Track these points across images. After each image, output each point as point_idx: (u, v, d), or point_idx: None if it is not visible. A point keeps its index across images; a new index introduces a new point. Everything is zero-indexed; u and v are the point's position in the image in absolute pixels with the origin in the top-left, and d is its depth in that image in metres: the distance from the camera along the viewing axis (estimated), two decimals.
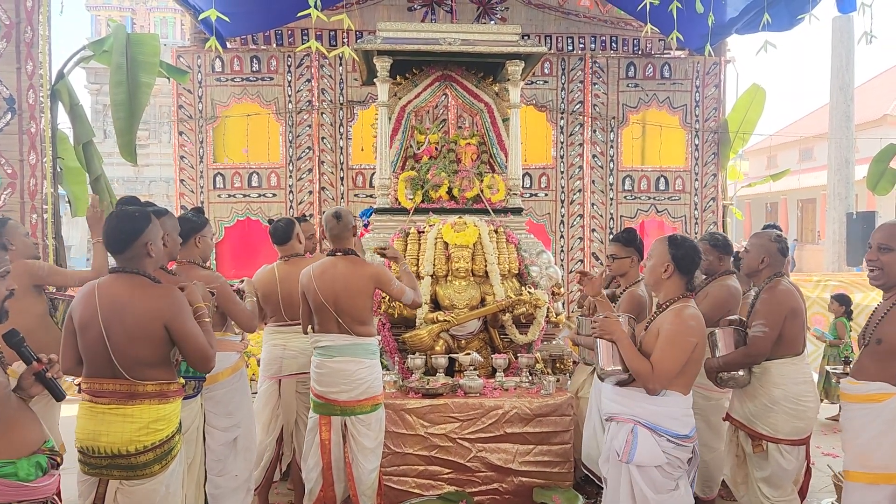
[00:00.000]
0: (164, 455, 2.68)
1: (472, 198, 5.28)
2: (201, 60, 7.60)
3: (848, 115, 13.37)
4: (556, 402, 4.19)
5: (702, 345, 2.97)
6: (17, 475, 2.10)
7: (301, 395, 4.20)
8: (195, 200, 7.63)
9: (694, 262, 3.06)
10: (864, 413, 2.76)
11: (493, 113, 5.49)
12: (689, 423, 2.95)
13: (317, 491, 3.85)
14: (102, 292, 2.66)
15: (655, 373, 2.88)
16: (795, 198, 24.28)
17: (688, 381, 2.97)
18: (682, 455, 2.92)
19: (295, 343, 4.19)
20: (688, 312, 2.97)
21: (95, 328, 2.61)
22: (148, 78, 5.20)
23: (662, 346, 2.91)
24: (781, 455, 3.50)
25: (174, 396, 2.75)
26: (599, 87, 7.98)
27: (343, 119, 7.78)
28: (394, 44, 5.06)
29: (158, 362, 2.70)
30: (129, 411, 2.62)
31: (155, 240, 2.73)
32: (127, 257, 2.70)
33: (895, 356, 2.67)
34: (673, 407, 2.92)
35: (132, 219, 2.71)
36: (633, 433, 2.94)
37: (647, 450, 2.90)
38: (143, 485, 2.64)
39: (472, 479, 4.12)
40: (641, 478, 2.91)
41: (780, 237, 3.64)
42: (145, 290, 2.67)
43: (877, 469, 2.69)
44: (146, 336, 2.63)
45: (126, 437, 2.58)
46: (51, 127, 4.75)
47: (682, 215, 8.07)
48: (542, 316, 4.68)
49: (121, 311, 2.62)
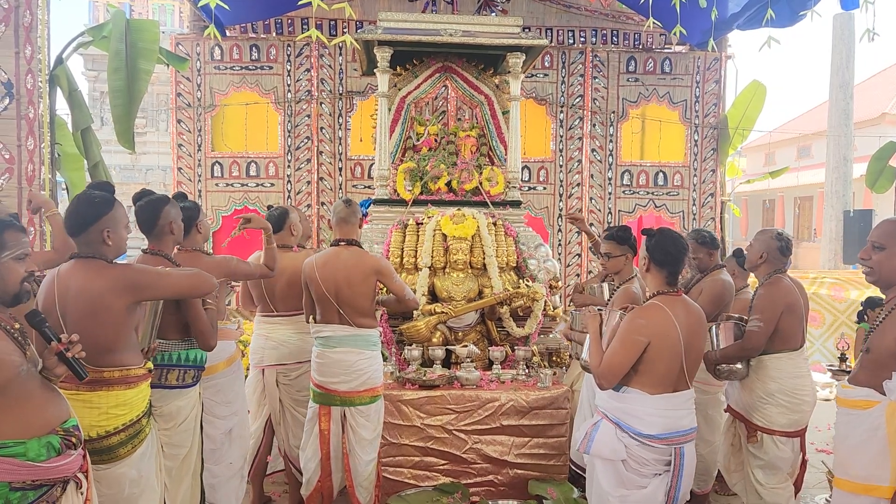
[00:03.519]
0: (130, 438, 2.66)
1: (470, 190, 5.27)
2: (200, 48, 7.56)
3: (847, 112, 13.37)
4: (553, 395, 4.19)
5: (660, 345, 2.84)
6: (27, 455, 2.10)
7: (284, 385, 4.18)
8: (193, 189, 7.60)
9: (668, 254, 2.95)
10: (851, 419, 2.75)
11: (493, 105, 5.48)
12: (659, 424, 2.86)
13: (314, 481, 3.86)
14: (61, 279, 2.65)
15: (601, 368, 2.89)
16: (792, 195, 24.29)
17: (652, 380, 2.87)
18: (648, 455, 2.87)
19: (277, 334, 4.17)
20: (643, 311, 2.92)
21: (53, 315, 2.58)
22: (147, 65, 5.16)
23: (612, 343, 2.91)
24: (776, 445, 3.57)
25: (138, 382, 2.72)
26: (599, 81, 7.97)
27: (342, 109, 7.76)
28: (395, 34, 5.04)
29: (120, 347, 2.66)
30: (89, 397, 2.60)
31: (115, 227, 2.67)
32: (83, 241, 2.67)
33: (882, 366, 2.64)
34: (633, 405, 2.89)
35: (92, 203, 2.67)
36: (595, 425, 2.96)
37: (606, 444, 2.89)
38: (111, 468, 2.63)
39: (468, 471, 4.13)
40: (602, 470, 2.93)
41: (781, 235, 3.67)
42: (100, 272, 2.63)
43: (856, 479, 2.67)
44: (103, 319, 2.60)
45: (87, 423, 2.56)
46: (49, 112, 4.71)
47: (680, 211, 8.08)
48: (539, 309, 4.68)
49: (77, 297, 2.60)
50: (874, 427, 2.63)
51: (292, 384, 4.17)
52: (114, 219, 2.68)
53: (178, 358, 3.18)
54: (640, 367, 2.87)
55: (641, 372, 2.88)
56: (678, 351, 2.87)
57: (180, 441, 3.15)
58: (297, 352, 4.16)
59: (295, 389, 4.18)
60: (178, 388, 3.18)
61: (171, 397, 3.14)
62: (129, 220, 2.90)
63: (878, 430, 2.62)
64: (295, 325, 4.20)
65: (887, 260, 2.70)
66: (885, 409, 2.61)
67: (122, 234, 2.73)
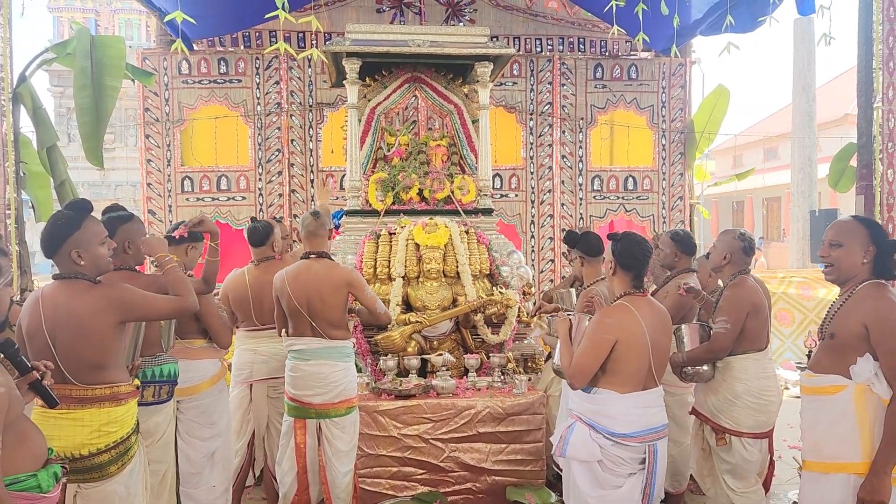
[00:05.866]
0: (119, 456, 2.66)
1: (442, 199, 5.30)
2: (167, 63, 7.52)
3: (810, 114, 13.66)
4: (528, 401, 4.22)
5: (628, 343, 2.89)
6: (40, 487, 2.10)
7: (272, 399, 4.18)
8: (163, 205, 7.54)
9: (634, 258, 3.01)
10: (818, 405, 2.83)
11: (463, 114, 5.52)
12: (632, 422, 2.91)
13: (291, 495, 3.85)
14: (45, 300, 2.64)
15: (571, 368, 2.94)
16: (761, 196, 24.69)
17: (622, 379, 2.91)
18: (623, 454, 2.91)
19: (265, 348, 4.16)
20: (611, 311, 2.98)
21: (41, 336, 2.59)
22: (114, 81, 5.11)
23: (582, 343, 2.96)
24: (744, 448, 3.59)
25: (127, 398, 2.73)
26: (568, 89, 8.06)
27: (312, 121, 7.75)
28: (363, 45, 5.06)
29: (108, 364, 2.67)
30: (80, 415, 2.60)
31: (84, 247, 2.63)
32: (58, 262, 2.67)
33: (847, 350, 2.73)
34: (606, 405, 2.92)
35: (57, 224, 2.65)
36: (569, 428, 2.99)
37: (581, 445, 2.92)
38: (100, 486, 2.63)
39: (446, 479, 4.13)
40: (579, 471, 2.96)
41: (743, 236, 3.71)
42: (85, 292, 2.63)
43: (828, 458, 2.76)
44: (91, 338, 2.60)
45: (78, 441, 2.57)
46: (13, 131, 4.65)
47: (650, 214, 8.18)
48: (513, 316, 4.71)
49: (64, 317, 2.59)
50: (843, 411, 2.73)
51: (281, 397, 4.15)
52: (82, 239, 2.65)
53: (153, 374, 3.18)
54: (609, 366, 2.92)
55: (611, 371, 2.93)
56: (645, 349, 2.93)
57: (159, 457, 3.14)
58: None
59: (283, 403, 4.16)
60: (154, 404, 3.17)
61: (148, 414, 3.12)
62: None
63: (846, 412, 2.72)
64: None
65: (845, 256, 2.79)
66: (852, 392, 2.71)
67: (97, 252, 2.68)
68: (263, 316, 4.15)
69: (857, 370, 2.70)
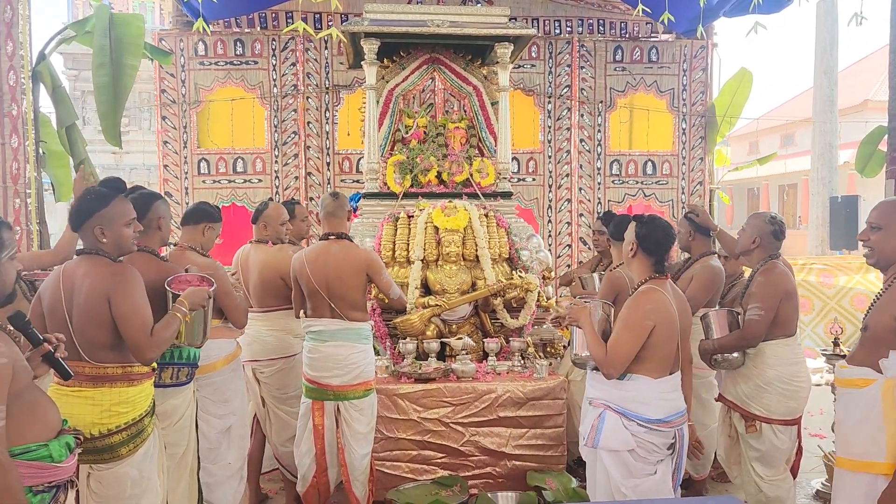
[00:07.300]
0: (131, 437, 2.64)
1: (461, 182, 5.23)
2: (184, 44, 7.46)
3: (832, 99, 13.42)
4: (549, 386, 4.18)
5: (663, 328, 2.87)
6: (52, 457, 2.10)
7: (263, 383, 4.14)
8: (179, 187, 7.52)
9: (658, 242, 2.98)
10: (849, 398, 2.77)
11: (482, 96, 5.45)
12: (663, 407, 2.89)
13: (310, 476, 3.83)
14: (66, 275, 2.65)
15: (608, 357, 2.88)
16: (777, 183, 24.44)
17: (655, 365, 2.89)
18: (656, 440, 2.88)
19: (251, 330, 4.04)
20: (645, 296, 2.94)
21: (60, 311, 2.59)
22: (133, 59, 5.05)
23: (617, 329, 2.92)
24: (775, 435, 3.54)
25: (141, 379, 2.71)
26: (587, 71, 7.94)
27: (329, 103, 7.68)
28: (381, 26, 4.99)
29: (120, 344, 2.63)
30: (92, 394, 2.59)
31: (108, 225, 2.63)
32: (83, 237, 2.68)
33: (879, 343, 2.65)
34: (640, 391, 2.89)
35: (86, 200, 2.66)
36: (600, 417, 2.94)
37: (614, 434, 2.89)
38: (112, 468, 2.61)
39: (466, 464, 4.11)
40: (611, 462, 2.91)
41: (774, 219, 3.64)
42: (96, 269, 2.61)
43: (856, 456, 2.69)
44: (97, 317, 2.58)
45: (89, 420, 2.55)
46: (33, 109, 4.63)
47: (669, 199, 8.08)
48: (533, 300, 4.65)
49: (77, 293, 2.59)
50: (870, 406, 2.65)
51: (270, 381, 4.14)
52: (107, 216, 2.64)
53: (172, 356, 3.14)
54: (644, 352, 2.89)
55: (645, 358, 2.89)
56: (676, 333, 2.93)
57: (177, 440, 3.11)
58: (271, 348, 4.13)
59: (274, 387, 4.15)
60: (171, 386, 3.15)
61: (165, 396, 3.10)
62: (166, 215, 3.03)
63: (873, 408, 2.64)
64: (268, 321, 4.16)
65: (886, 240, 2.71)
66: (881, 386, 2.63)
67: (120, 232, 2.67)
68: (248, 296, 4.13)
69: (888, 364, 2.62)
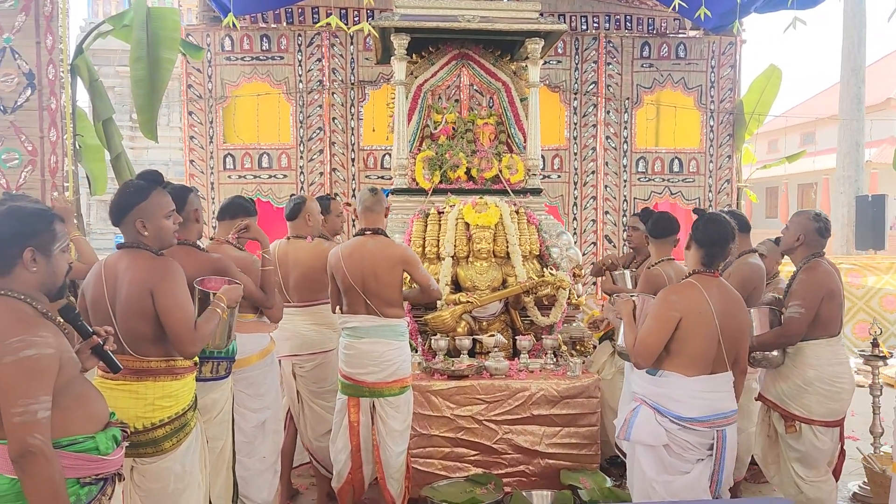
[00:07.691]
0: (175, 431, 2.64)
1: (490, 178, 5.21)
2: (210, 39, 7.48)
3: (859, 97, 13.23)
4: (584, 384, 4.14)
5: (691, 321, 2.84)
6: (98, 449, 2.10)
7: (300, 377, 4.14)
8: (205, 182, 7.55)
9: (709, 238, 2.97)
10: None
11: (511, 92, 5.42)
12: (697, 406, 2.85)
13: (345, 473, 3.83)
14: (108, 268, 2.65)
15: (637, 346, 2.91)
16: (796, 182, 24.17)
17: (687, 361, 2.86)
18: (691, 438, 2.84)
19: (290, 325, 4.06)
20: (676, 288, 2.96)
21: (103, 305, 2.60)
22: (169, 53, 5.07)
23: (646, 321, 2.94)
24: (815, 436, 3.48)
25: (184, 373, 2.71)
26: (613, 68, 7.88)
27: (354, 99, 7.68)
28: (412, 21, 4.98)
29: (162, 337, 2.62)
30: (136, 388, 2.60)
31: (148, 217, 2.63)
32: (123, 231, 2.68)
33: None
34: (671, 388, 2.88)
35: (125, 192, 2.66)
36: (633, 411, 2.95)
37: (645, 429, 2.88)
38: (156, 462, 2.61)
39: (499, 461, 4.08)
40: (644, 456, 2.92)
41: (819, 216, 3.58)
42: (139, 263, 2.62)
43: None
44: (140, 311, 2.58)
45: (133, 414, 2.55)
46: (71, 103, 4.65)
47: (696, 197, 8.00)
48: (564, 297, 4.62)
49: (120, 287, 2.60)
50: None
51: (307, 376, 4.12)
52: (147, 209, 2.64)
53: (211, 350, 3.13)
54: (674, 346, 2.88)
55: (675, 353, 2.88)
56: (713, 331, 2.87)
57: (216, 434, 3.11)
58: (311, 343, 4.11)
59: (311, 381, 4.13)
60: (211, 380, 3.15)
61: (205, 390, 3.09)
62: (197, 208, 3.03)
63: None
64: (309, 315, 4.15)
65: None
66: None
67: (161, 224, 2.68)
68: (289, 292, 4.12)
69: None
